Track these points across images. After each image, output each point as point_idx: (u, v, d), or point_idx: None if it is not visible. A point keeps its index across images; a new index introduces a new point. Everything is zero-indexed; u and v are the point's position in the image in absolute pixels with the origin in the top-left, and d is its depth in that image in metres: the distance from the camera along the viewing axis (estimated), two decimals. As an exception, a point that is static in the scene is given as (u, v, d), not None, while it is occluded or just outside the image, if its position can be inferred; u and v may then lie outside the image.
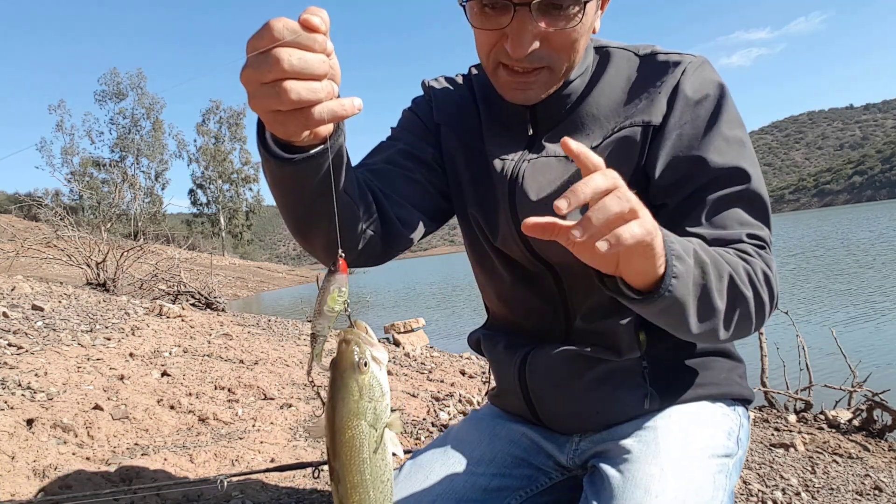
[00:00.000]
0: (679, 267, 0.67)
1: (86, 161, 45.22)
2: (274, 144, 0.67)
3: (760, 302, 0.79)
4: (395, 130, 1.08)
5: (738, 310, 0.76)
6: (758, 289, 0.78)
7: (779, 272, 0.84)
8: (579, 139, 0.93)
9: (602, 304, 0.94)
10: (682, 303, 0.69)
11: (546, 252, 0.95)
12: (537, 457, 1.02)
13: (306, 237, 0.82)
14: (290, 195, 0.74)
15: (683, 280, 0.68)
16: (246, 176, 53.97)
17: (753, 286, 0.77)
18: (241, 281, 26.55)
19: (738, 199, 0.84)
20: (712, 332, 0.76)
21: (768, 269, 0.80)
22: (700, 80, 0.89)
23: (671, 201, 0.88)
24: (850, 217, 47.76)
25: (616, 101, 0.93)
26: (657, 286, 0.67)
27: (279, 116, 0.58)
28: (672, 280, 0.66)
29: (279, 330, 5.49)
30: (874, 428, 2.34)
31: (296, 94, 0.55)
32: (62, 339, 3.48)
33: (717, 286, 0.73)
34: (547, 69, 0.87)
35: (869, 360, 3.89)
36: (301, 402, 2.80)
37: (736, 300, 0.75)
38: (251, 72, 0.55)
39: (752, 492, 1.80)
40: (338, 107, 0.58)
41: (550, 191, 0.92)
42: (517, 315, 1.06)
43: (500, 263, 1.03)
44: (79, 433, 2.11)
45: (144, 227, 12.49)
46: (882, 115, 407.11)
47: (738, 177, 0.84)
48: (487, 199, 1.00)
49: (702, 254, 0.72)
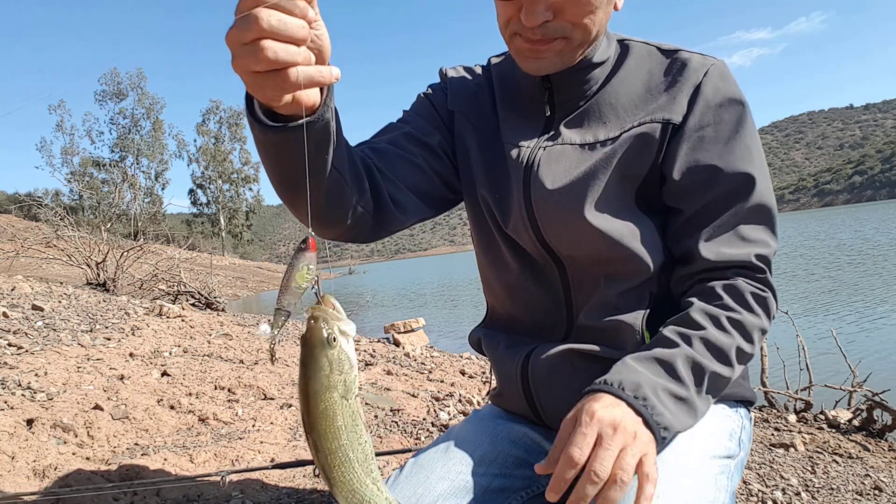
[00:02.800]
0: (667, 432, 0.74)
1: (86, 161, 45.25)
2: (261, 111, 0.69)
3: (757, 337, 0.86)
4: (406, 113, 1.09)
5: (743, 358, 0.84)
6: (753, 340, 0.85)
7: (779, 273, 0.87)
8: (597, 128, 0.94)
9: (607, 301, 0.94)
10: (687, 418, 0.78)
11: (556, 243, 0.95)
12: (539, 457, 1.01)
13: (292, 204, 0.83)
14: (274, 163, 0.76)
15: (674, 424, 0.75)
16: (246, 176, 54.00)
17: (751, 341, 0.84)
18: (241, 281, 26.54)
19: (750, 214, 0.88)
20: (730, 376, 0.84)
21: (762, 314, 0.86)
22: (722, 86, 0.91)
23: (687, 208, 0.90)
24: (850, 217, 47.76)
25: (636, 93, 0.93)
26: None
27: (257, 78, 0.60)
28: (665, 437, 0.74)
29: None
30: (874, 428, 2.34)
31: (272, 52, 0.56)
32: (62, 339, 3.47)
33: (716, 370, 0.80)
34: (562, 39, 0.87)
35: (869, 360, 3.89)
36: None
37: (741, 358, 0.84)
38: (234, 32, 0.57)
39: (753, 492, 1.80)
40: (315, 72, 0.60)
41: (567, 181, 0.92)
42: (519, 308, 1.05)
43: (508, 251, 1.03)
44: (79, 433, 2.10)
45: (144, 227, 12.49)
46: (882, 115, 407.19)
47: (752, 188, 0.87)
48: (501, 185, 1.00)
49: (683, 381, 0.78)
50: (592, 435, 0.68)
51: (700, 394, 0.79)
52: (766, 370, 2.86)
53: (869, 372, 2.77)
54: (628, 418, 0.70)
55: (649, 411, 0.72)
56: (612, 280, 0.93)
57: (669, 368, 0.77)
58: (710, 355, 0.79)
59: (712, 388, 0.80)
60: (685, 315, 0.83)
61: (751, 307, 0.84)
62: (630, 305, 0.92)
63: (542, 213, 0.94)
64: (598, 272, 0.95)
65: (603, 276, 0.94)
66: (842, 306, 6.71)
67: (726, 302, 0.84)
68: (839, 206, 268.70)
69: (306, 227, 0.88)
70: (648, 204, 0.94)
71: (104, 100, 46.63)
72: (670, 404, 0.75)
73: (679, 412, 0.76)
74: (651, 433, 0.72)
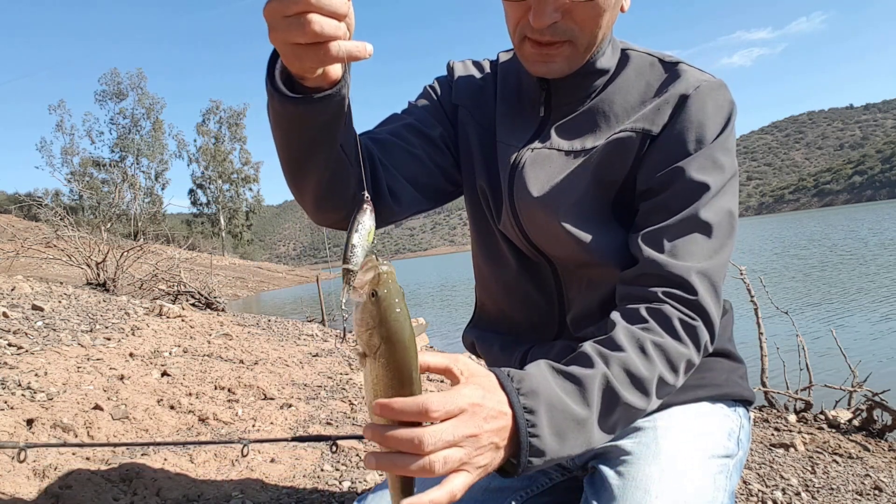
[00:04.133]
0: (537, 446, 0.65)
1: (86, 161, 45.28)
2: (281, 83, 0.70)
3: (683, 368, 0.78)
4: (410, 104, 1.09)
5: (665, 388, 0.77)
6: (678, 371, 0.77)
7: (780, 273, 0.84)
8: (585, 136, 0.94)
9: (594, 302, 0.94)
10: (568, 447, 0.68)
11: (542, 245, 0.96)
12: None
13: (298, 185, 0.84)
14: (288, 137, 0.77)
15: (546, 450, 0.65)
16: (246, 176, 54.01)
17: (675, 371, 0.77)
18: (241, 281, 26.56)
19: (699, 225, 0.83)
20: (644, 408, 0.75)
21: (689, 344, 0.78)
22: (710, 103, 0.88)
23: (643, 206, 0.89)
24: (850, 217, 47.75)
25: (630, 103, 0.93)
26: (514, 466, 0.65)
27: (298, 49, 0.61)
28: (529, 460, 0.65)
29: (279, 330, 5.49)
30: (874, 428, 2.34)
31: (319, 26, 0.58)
32: (62, 339, 3.47)
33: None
34: (569, 43, 0.87)
35: (869, 360, 3.89)
36: (301, 402, 2.81)
37: (661, 389, 0.76)
38: (276, 4, 0.59)
39: (753, 492, 1.80)
40: (353, 47, 0.62)
41: (548, 187, 0.93)
42: (513, 305, 1.06)
43: (506, 246, 1.04)
44: (79, 433, 2.10)
45: (144, 227, 12.49)
46: (882, 115, 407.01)
47: (707, 200, 0.84)
48: (494, 182, 1.01)
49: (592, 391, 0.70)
50: (459, 408, 0.59)
51: (605, 423, 0.71)
52: (766, 370, 2.86)
53: (869, 372, 2.77)
54: (501, 426, 0.62)
55: (528, 428, 0.64)
56: (597, 285, 0.94)
57: (580, 388, 0.70)
58: (628, 381, 0.72)
59: (622, 419, 0.73)
60: (608, 338, 0.76)
61: (678, 335, 0.78)
62: (611, 305, 0.92)
63: (525, 216, 0.96)
64: (583, 275, 0.95)
65: (587, 280, 0.95)
66: (842, 306, 6.71)
67: (651, 326, 0.77)
68: (839, 206, 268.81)
69: (308, 213, 0.89)
70: (628, 212, 0.93)
71: (104, 100, 46.69)
72: (560, 428, 0.67)
73: (568, 437, 0.67)
74: (511, 450, 0.64)
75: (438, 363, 0.65)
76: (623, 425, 0.74)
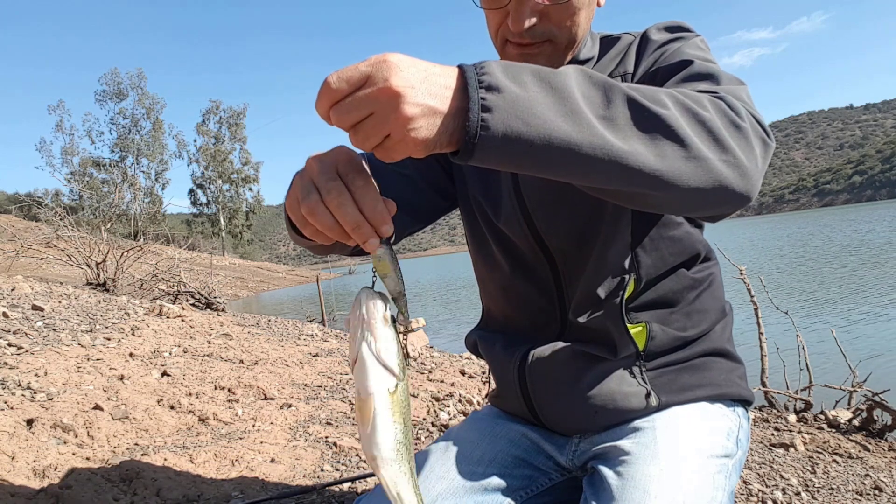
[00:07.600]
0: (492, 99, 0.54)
1: (86, 161, 45.26)
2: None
3: (707, 121, 0.63)
4: None
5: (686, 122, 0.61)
6: (705, 106, 0.64)
7: (779, 272, 0.84)
8: None
9: (594, 296, 0.94)
10: (538, 134, 0.55)
11: (548, 233, 0.96)
12: (537, 457, 1.02)
13: (300, 243, 0.88)
14: (302, 244, 0.86)
15: (505, 108, 0.54)
16: (246, 176, 53.98)
17: (700, 122, 0.62)
18: (241, 281, 26.56)
19: (700, 78, 0.78)
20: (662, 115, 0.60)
21: (712, 112, 0.64)
22: (663, 25, 0.95)
23: None
24: (850, 217, 47.76)
25: (612, 73, 0.96)
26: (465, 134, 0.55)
27: (307, 228, 0.66)
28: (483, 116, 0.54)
29: (279, 330, 5.49)
30: (874, 428, 2.34)
31: (324, 228, 0.63)
32: (62, 339, 3.48)
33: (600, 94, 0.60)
34: (549, 42, 0.89)
35: (869, 360, 3.89)
36: (301, 402, 2.81)
37: (694, 119, 0.62)
38: (305, 206, 0.63)
39: (752, 492, 1.80)
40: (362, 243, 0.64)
41: None
42: (513, 307, 1.06)
43: (499, 250, 1.04)
44: (79, 433, 2.10)
45: (144, 227, 12.49)
46: (882, 115, 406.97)
47: (697, 63, 0.80)
48: (491, 181, 1.02)
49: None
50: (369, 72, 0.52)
51: (591, 96, 0.59)
52: (766, 370, 2.86)
53: (869, 372, 2.77)
54: (446, 71, 0.55)
55: (475, 70, 0.55)
56: (598, 268, 0.94)
57: (560, 73, 0.60)
58: (637, 90, 0.61)
59: (621, 113, 0.59)
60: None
61: (700, 101, 0.65)
62: (611, 302, 0.93)
63: (529, 194, 0.96)
64: (586, 256, 0.95)
65: (589, 264, 0.95)
66: (842, 306, 6.71)
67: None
68: (839, 206, 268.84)
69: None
70: None
71: (104, 100, 46.68)
72: (517, 75, 0.56)
73: (528, 85, 0.56)
74: (460, 102, 0.54)
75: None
76: (628, 121, 0.59)
